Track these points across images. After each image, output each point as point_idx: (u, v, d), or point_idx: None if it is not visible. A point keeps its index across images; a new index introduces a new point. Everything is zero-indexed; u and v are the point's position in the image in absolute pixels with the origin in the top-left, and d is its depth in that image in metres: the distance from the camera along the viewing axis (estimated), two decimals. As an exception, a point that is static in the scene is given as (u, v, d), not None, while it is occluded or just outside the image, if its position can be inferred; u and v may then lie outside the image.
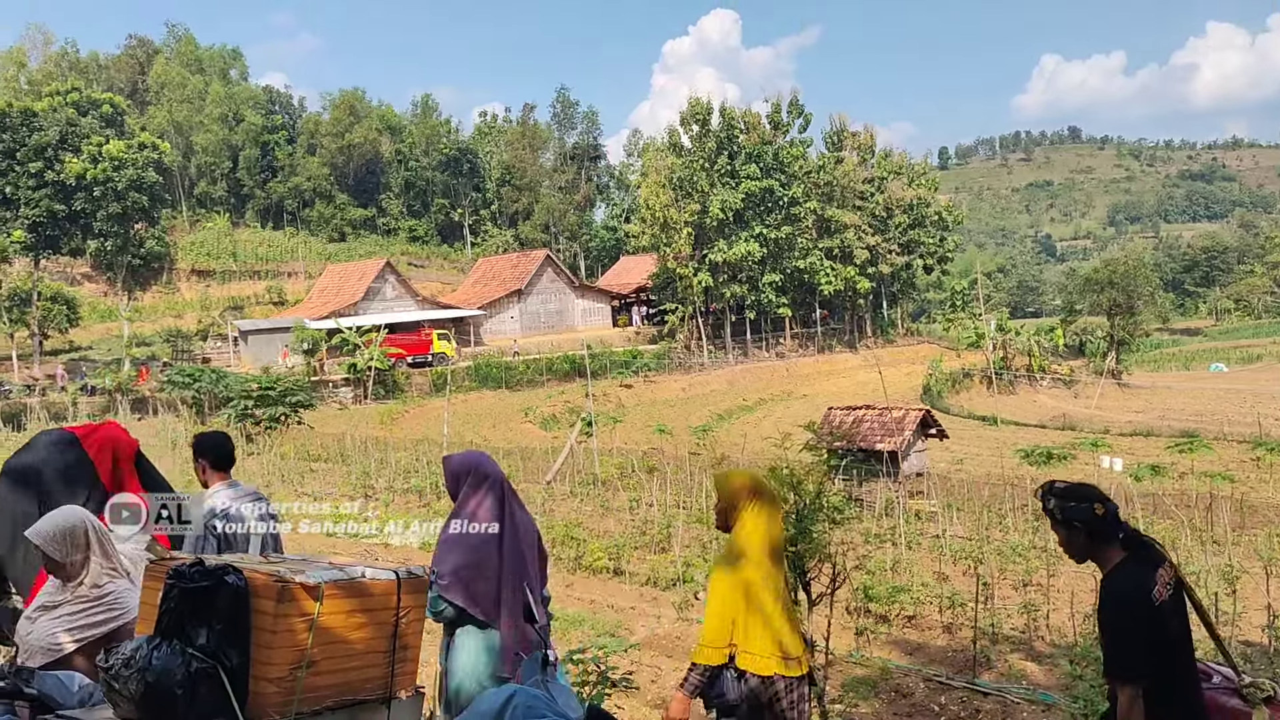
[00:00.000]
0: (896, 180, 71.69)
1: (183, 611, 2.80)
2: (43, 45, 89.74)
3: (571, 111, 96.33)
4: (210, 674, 2.74)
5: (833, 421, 23.93)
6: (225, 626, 2.78)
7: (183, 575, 2.82)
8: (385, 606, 3.06)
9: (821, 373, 64.46)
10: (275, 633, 2.78)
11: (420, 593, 3.21)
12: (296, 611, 2.79)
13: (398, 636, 3.08)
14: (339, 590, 2.91)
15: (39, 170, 49.96)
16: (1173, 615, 3.60)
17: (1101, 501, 3.61)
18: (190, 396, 39.44)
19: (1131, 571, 3.58)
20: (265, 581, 2.81)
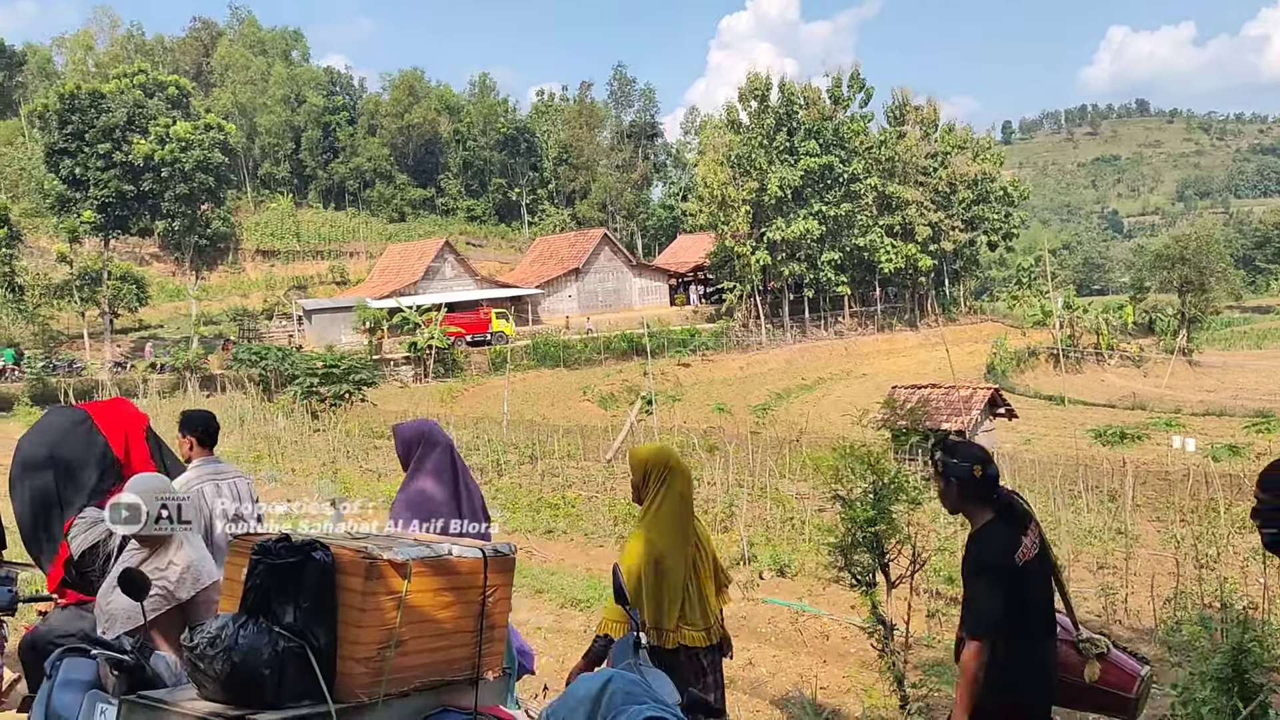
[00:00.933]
0: (960, 155, 70.28)
1: (269, 588, 2.72)
2: (109, 28, 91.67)
3: (629, 89, 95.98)
4: (298, 653, 2.65)
5: (897, 400, 23.55)
6: (312, 604, 2.69)
7: (268, 551, 2.74)
8: (472, 585, 2.96)
9: (881, 351, 63.69)
10: (363, 611, 2.68)
11: (506, 571, 3.11)
12: (384, 589, 2.70)
13: (484, 616, 2.99)
14: (426, 568, 2.81)
15: (107, 151, 50.91)
16: (1034, 575, 3.76)
17: (982, 464, 3.79)
18: (257, 374, 40.10)
19: (998, 531, 3.75)
20: (352, 558, 2.72)
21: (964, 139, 72.36)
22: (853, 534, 6.26)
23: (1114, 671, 3.90)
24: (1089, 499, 18.42)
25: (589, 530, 16.71)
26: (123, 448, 5.25)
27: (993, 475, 3.82)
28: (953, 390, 23.56)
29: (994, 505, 3.81)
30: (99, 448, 5.15)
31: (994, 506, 3.81)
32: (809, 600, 12.08)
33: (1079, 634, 3.93)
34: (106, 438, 5.19)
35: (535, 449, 25.74)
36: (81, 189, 51.30)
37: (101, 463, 5.14)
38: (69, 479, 5.09)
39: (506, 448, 25.54)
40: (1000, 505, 3.81)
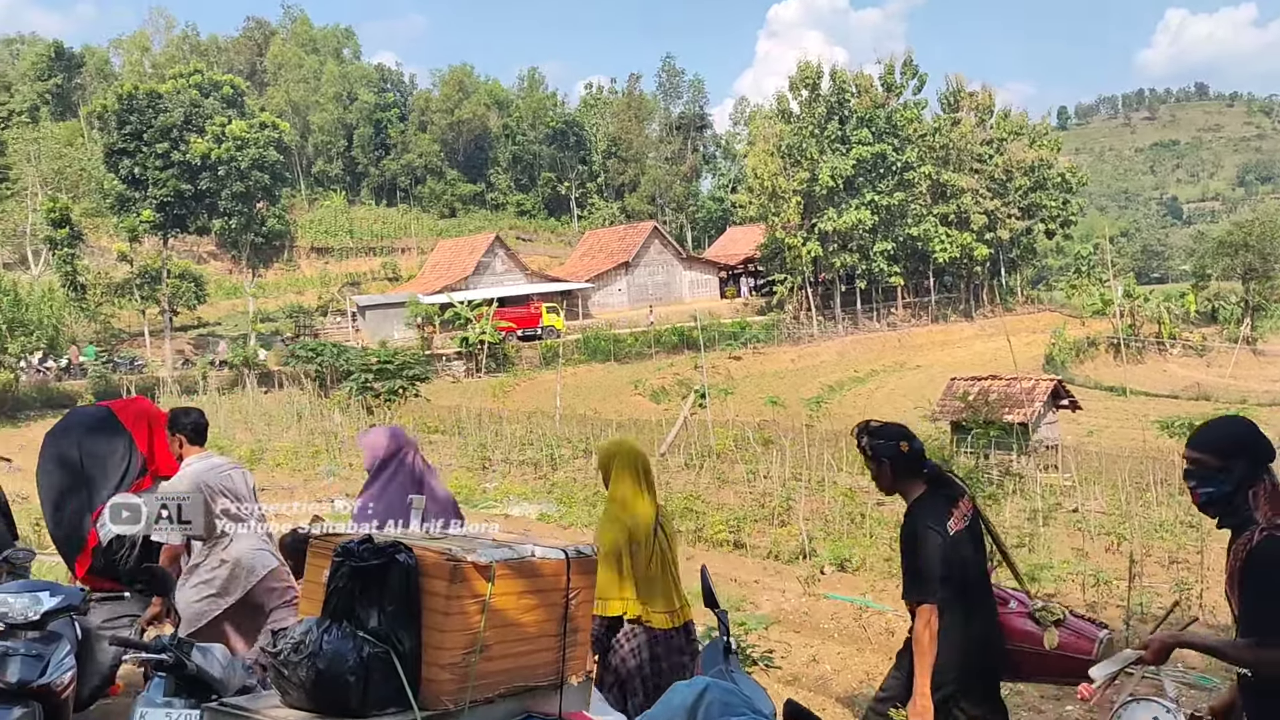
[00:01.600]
0: (1017, 141, 69.04)
1: (352, 591, 2.64)
2: (165, 29, 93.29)
3: (677, 81, 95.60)
4: (383, 659, 2.58)
5: (956, 392, 23.16)
6: (397, 608, 2.61)
7: (352, 553, 2.66)
8: (555, 587, 2.87)
9: (936, 343, 62.86)
10: (448, 615, 2.60)
11: (589, 573, 3.02)
12: (469, 592, 2.62)
13: (568, 619, 2.89)
14: (510, 570, 2.72)
15: (165, 151, 51.76)
16: (967, 544, 3.93)
17: (907, 440, 4.00)
18: (313, 370, 40.57)
19: (929, 502, 3.94)
20: (436, 560, 2.63)
21: (1020, 125, 71.07)
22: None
23: (1072, 637, 4.08)
24: (1158, 492, 17.96)
25: (645, 524, 16.62)
26: (146, 442, 5.46)
27: (918, 449, 4.02)
28: (1014, 382, 23.11)
29: (925, 478, 4.02)
30: (122, 442, 5.38)
31: (925, 479, 4.02)
32: (872, 596, 11.88)
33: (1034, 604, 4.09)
34: (131, 432, 5.43)
35: (589, 443, 25.72)
36: (140, 188, 52.22)
37: (126, 457, 5.36)
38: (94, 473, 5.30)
39: (560, 442, 25.55)
40: (930, 478, 4.03)
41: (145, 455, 5.43)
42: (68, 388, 39.15)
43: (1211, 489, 3.11)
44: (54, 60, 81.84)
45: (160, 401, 36.24)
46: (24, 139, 66.82)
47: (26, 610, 4.18)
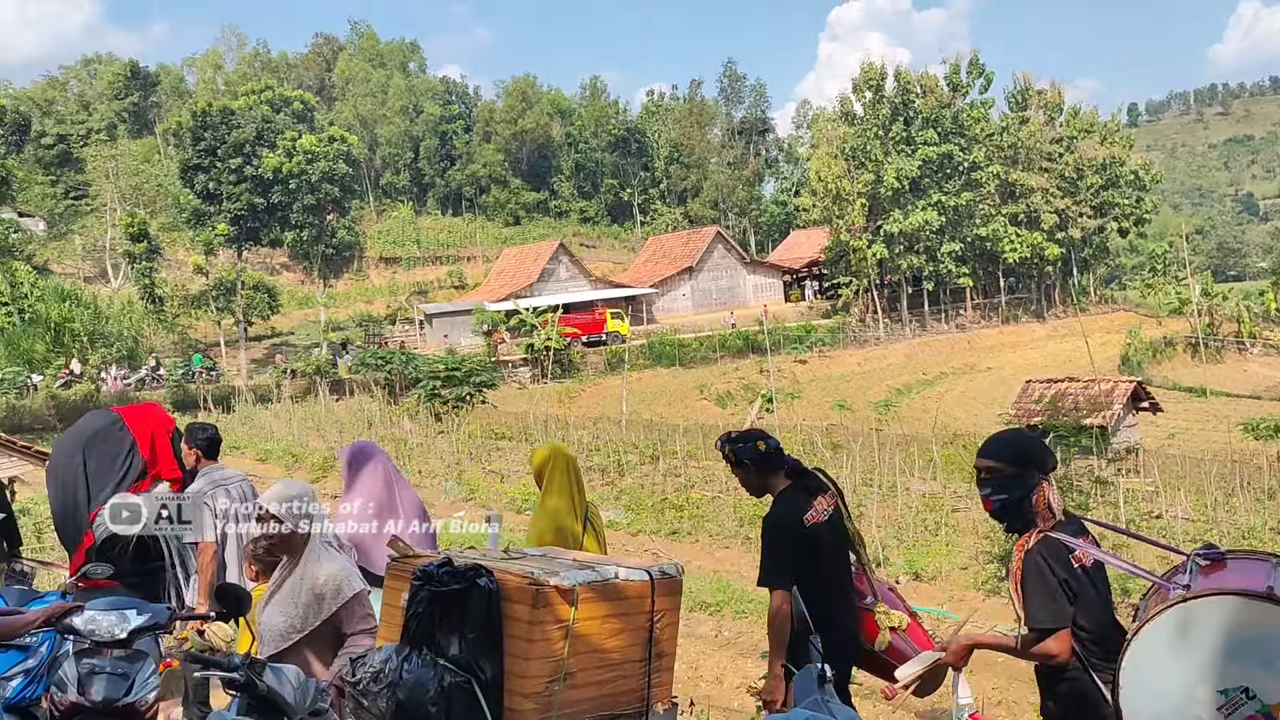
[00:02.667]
0: (1087, 139, 67.43)
1: (433, 617, 2.56)
2: (237, 47, 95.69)
3: (739, 85, 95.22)
4: (464, 688, 2.49)
5: (1032, 395, 22.59)
6: (478, 634, 2.52)
7: (431, 577, 2.58)
8: (639, 610, 2.76)
9: (1006, 344, 61.61)
10: (530, 641, 2.50)
11: (674, 594, 2.90)
12: (552, 618, 2.52)
13: (653, 643, 2.78)
14: (593, 593, 2.62)
15: (239, 166, 52.98)
16: (825, 536, 4.12)
17: (764, 439, 4.27)
18: (383, 378, 41.10)
19: (790, 497, 4.18)
20: (518, 584, 2.54)
21: (1090, 122, 69.40)
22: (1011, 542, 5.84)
23: (900, 646, 4.25)
24: (1245, 496, 17.31)
25: (714, 531, 16.48)
26: (149, 448, 5.81)
27: (774, 447, 4.29)
28: (1092, 384, 22.46)
29: (787, 474, 4.28)
30: (127, 447, 5.70)
31: (787, 475, 4.27)
32: (949, 606, 11.60)
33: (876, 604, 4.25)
34: (135, 438, 5.74)
35: (656, 448, 25.62)
36: (215, 203, 53.50)
37: (127, 460, 5.68)
38: (97, 474, 5.63)
39: (627, 448, 25.47)
40: (792, 473, 4.29)
41: (146, 459, 5.75)
42: (146, 397, 40.12)
43: (1005, 495, 3.41)
44: (130, 79, 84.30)
45: (236, 409, 37.03)
46: (102, 156, 68.90)
47: (114, 628, 4.19)
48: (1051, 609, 3.23)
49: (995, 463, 3.42)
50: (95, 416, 6.17)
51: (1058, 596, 3.22)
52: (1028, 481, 3.36)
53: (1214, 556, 3.17)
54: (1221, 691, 2.84)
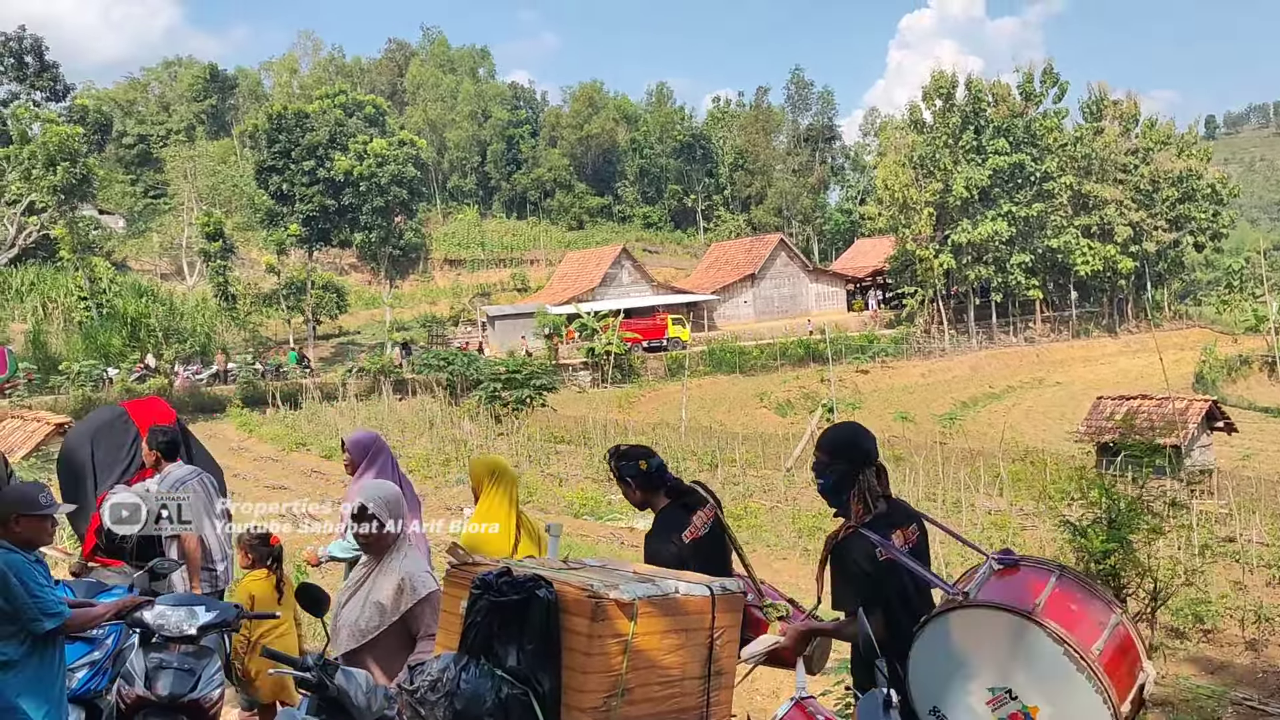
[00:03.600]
0: (1164, 151, 65.83)
1: (490, 627, 2.54)
2: (313, 51, 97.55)
3: (806, 92, 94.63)
4: (522, 700, 2.45)
5: (1103, 412, 22.03)
6: (537, 646, 2.49)
7: (490, 586, 2.56)
8: (700, 626, 2.71)
9: (1076, 359, 60.33)
10: (589, 655, 2.46)
11: (735, 611, 2.85)
12: (610, 631, 2.47)
13: (712, 660, 2.73)
14: (653, 608, 2.57)
15: (311, 168, 53.99)
16: (705, 550, 4.22)
17: (646, 458, 4.40)
18: (445, 379, 41.50)
19: (670, 513, 4.30)
20: (577, 596, 2.50)
21: (1167, 134, 67.77)
22: (1085, 565, 5.68)
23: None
24: (1326, 524, 16.72)
25: (771, 542, 16.35)
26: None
27: (657, 465, 4.41)
28: (1165, 402, 21.84)
29: (668, 492, 4.39)
30: (131, 438, 6.15)
31: (668, 493, 4.39)
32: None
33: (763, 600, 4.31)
34: (140, 430, 6.15)
35: (714, 456, 25.51)
36: (288, 204, 54.56)
37: (131, 451, 6.14)
38: (104, 463, 6.13)
39: (686, 454, 25.40)
40: (672, 491, 4.41)
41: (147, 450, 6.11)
42: (218, 392, 41.00)
43: (822, 481, 3.79)
44: (209, 82, 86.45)
45: (303, 407, 37.66)
46: (181, 157, 70.68)
47: (182, 624, 4.26)
48: (853, 595, 3.55)
49: (819, 452, 3.81)
50: (104, 410, 6.68)
51: (860, 585, 3.53)
52: (843, 471, 3.72)
53: (1008, 562, 3.48)
54: (990, 689, 3.16)
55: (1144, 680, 3.28)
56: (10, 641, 4.00)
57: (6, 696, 3.95)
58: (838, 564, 3.64)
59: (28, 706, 3.98)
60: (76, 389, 37.60)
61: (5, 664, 3.98)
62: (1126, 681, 3.20)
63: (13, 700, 3.96)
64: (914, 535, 3.80)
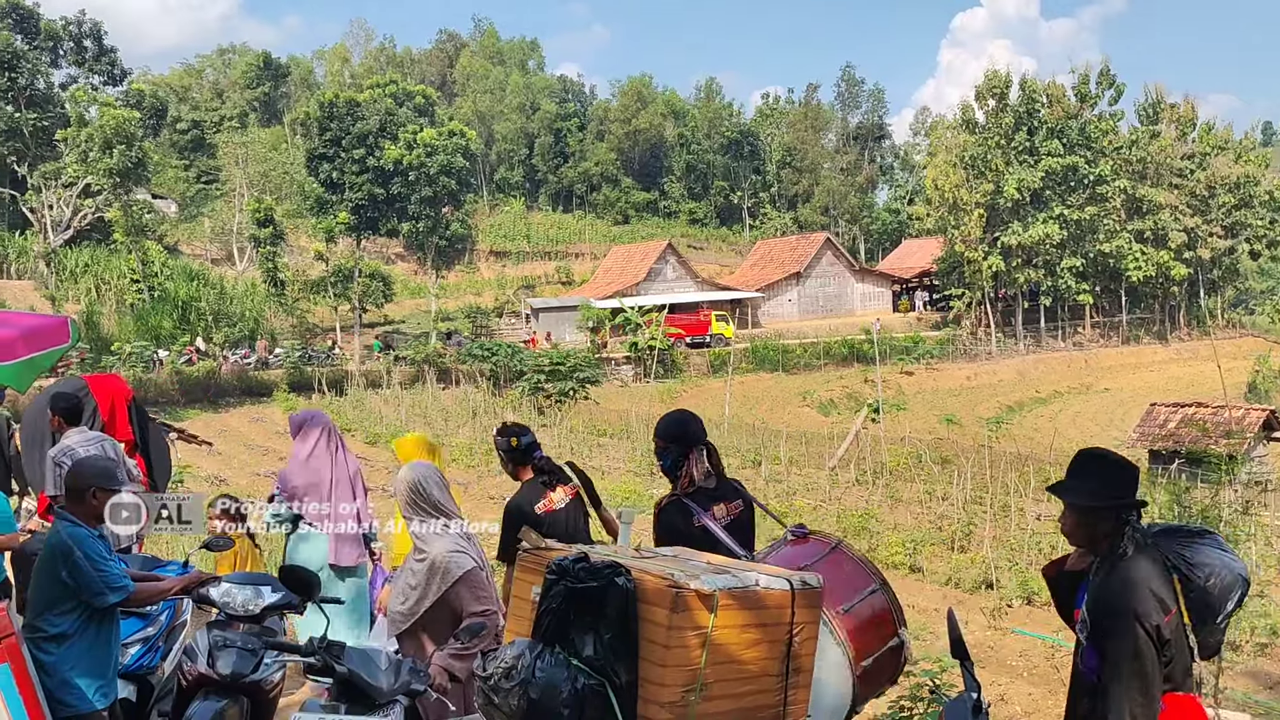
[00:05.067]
0: (1221, 156, 64.46)
1: (567, 614, 2.45)
2: (364, 42, 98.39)
3: (856, 90, 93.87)
4: (598, 692, 2.36)
5: (1156, 419, 21.57)
6: (614, 636, 2.39)
7: (567, 571, 2.47)
8: (778, 621, 2.60)
9: (1126, 365, 59.30)
10: (668, 648, 2.36)
11: (814, 606, 2.73)
12: (690, 624, 2.37)
13: (790, 657, 2.62)
14: (734, 600, 2.47)
15: (361, 157, 54.37)
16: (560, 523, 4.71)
17: (519, 436, 5.00)
18: (488, 369, 41.65)
19: (531, 486, 4.87)
20: (657, 586, 2.40)
21: (1225, 139, 66.35)
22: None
23: None
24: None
25: (816, 541, 16.15)
26: (108, 412, 6.70)
27: (527, 443, 5.01)
28: (1221, 410, 21.33)
29: (534, 468, 4.96)
30: (88, 410, 6.48)
31: (534, 469, 4.96)
32: (1065, 635, 11.12)
33: None
34: (97, 402, 6.57)
35: (758, 453, 25.34)
36: (338, 192, 55.00)
37: (89, 422, 6.47)
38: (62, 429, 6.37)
39: (730, 451, 25.25)
40: (539, 468, 4.96)
41: (105, 421, 6.62)
42: (264, 377, 41.47)
43: (662, 462, 4.24)
44: (262, 70, 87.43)
45: (348, 393, 37.98)
46: (233, 143, 71.57)
47: (248, 603, 4.24)
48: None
49: (657, 438, 4.27)
50: (66, 383, 7.03)
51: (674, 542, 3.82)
52: (678, 452, 4.16)
53: (799, 534, 4.12)
54: None
55: (896, 643, 3.79)
56: (68, 615, 3.99)
57: (61, 670, 3.95)
58: (659, 526, 4.13)
59: (80, 681, 3.97)
60: (128, 370, 38.17)
61: (60, 637, 3.97)
62: (873, 642, 3.64)
63: (66, 674, 3.96)
64: (737, 509, 4.21)
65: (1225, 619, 3.16)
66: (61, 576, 3.97)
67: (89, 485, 4.13)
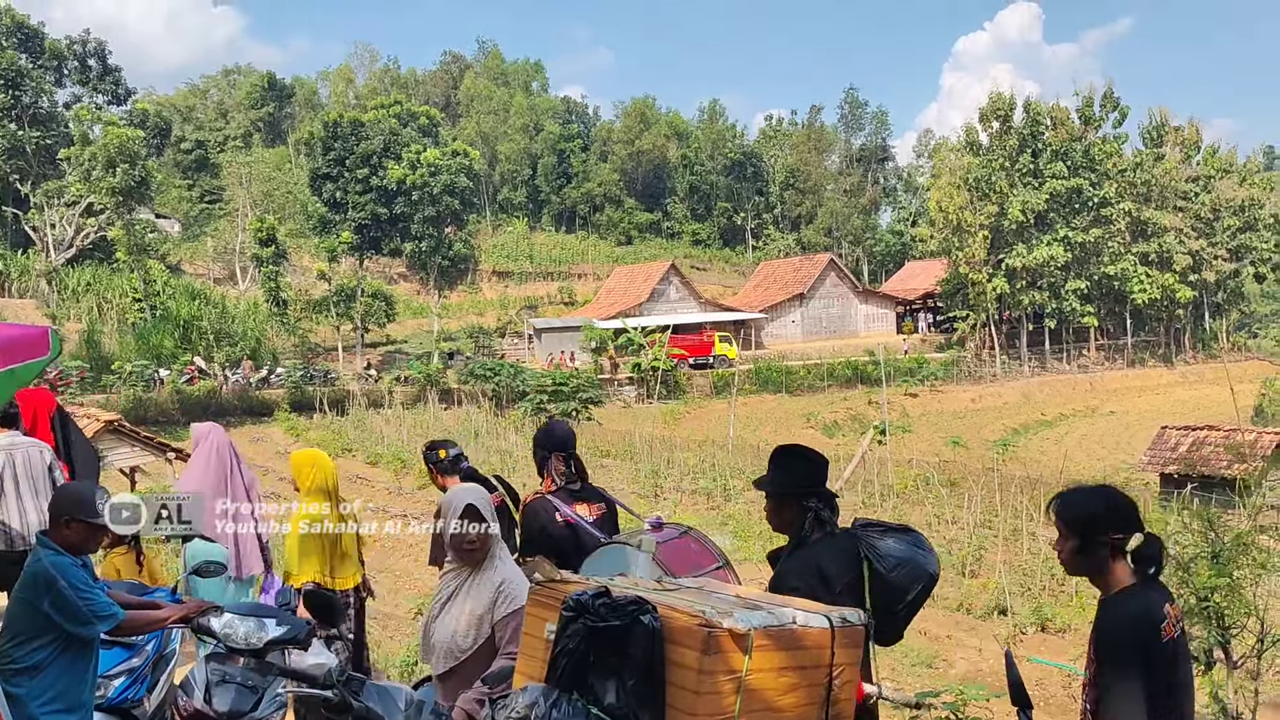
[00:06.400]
0: (1225, 179, 64.47)
1: (586, 657, 2.19)
2: (368, 63, 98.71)
3: (860, 112, 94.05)
4: None
5: (1168, 443, 21.30)
6: (639, 682, 2.14)
7: (587, 608, 2.21)
8: (818, 663, 2.34)
9: (1131, 388, 58.96)
10: (699, 694, 2.10)
11: (855, 647, 2.48)
12: (723, 667, 2.12)
13: (830, 703, 2.37)
14: (770, 640, 2.21)
15: (364, 176, 54.31)
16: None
17: (446, 448, 5.47)
18: (490, 389, 41.41)
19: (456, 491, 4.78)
20: (686, 624, 2.15)
21: (1229, 162, 66.41)
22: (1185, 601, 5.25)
23: None
24: None
25: (823, 565, 15.88)
26: (31, 422, 6.80)
27: (453, 455, 5.46)
28: (1233, 433, 21.06)
29: (461, 478, 5.27)
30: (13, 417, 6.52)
31: (461, 479, 5.26)
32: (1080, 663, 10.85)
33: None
34: (21, 412, 6.62)
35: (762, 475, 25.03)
36: (340, 211, 54.92)
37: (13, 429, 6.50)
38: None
39: (734, 472, 25.00)
40: (466, 476, 5.30)
41: (28, 429, 6.72)
42: (267, 396, 41.23)
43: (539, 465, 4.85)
44: (267, 90, 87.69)
45: (349, 413, 37.73)
46: (237, 163, 71.61)
47: (250, 636, 3.97)
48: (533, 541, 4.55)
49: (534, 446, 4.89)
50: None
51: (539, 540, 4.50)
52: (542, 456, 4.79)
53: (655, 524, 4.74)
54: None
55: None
56: (43, 647, 3.74)
57: (31, 705, 3.69)
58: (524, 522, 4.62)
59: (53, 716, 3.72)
60: (128, 388, 37.98)
61: (31, 669, 3.71)
62: None
63: (37, 709, 3.70)
64: (600, 511, 4.78)
65: (906, 608, 3.37)
66: (43, 606, 3.72)
67: (64, 514, 3.90)
